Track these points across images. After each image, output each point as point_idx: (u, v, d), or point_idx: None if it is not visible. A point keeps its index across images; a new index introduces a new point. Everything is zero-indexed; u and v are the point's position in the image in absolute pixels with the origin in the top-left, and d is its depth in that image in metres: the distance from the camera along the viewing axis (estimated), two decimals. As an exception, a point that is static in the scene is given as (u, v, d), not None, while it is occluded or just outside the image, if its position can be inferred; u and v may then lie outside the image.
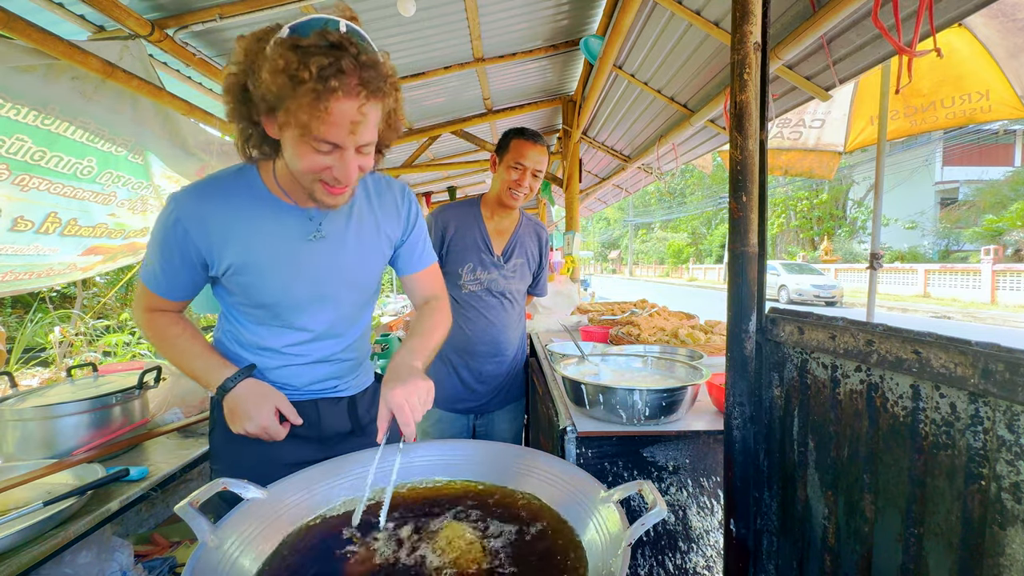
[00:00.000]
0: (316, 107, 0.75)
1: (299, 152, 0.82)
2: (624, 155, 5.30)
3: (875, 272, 2.90)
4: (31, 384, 3.23)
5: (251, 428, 0.92)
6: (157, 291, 0.98)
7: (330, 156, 0.82)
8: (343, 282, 1.03)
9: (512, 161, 1.72)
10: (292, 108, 0.76)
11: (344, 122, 0.78)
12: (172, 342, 0.99)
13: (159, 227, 0.94)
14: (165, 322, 1.00)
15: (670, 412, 1.14)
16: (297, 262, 0.97)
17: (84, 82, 1.84)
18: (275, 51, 0.74)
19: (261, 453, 0.98)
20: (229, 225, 0.93)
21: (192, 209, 0.92)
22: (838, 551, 0.77)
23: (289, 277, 0.97)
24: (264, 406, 0.93)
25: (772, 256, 23.60)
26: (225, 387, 0.94)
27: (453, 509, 0.77)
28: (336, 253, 1.01)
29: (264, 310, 1.00)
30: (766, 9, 0.89)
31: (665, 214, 42.08)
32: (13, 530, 0.86)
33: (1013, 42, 2.73)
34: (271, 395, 0.96)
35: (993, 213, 17.13)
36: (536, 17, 3.08)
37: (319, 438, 1.08)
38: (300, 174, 0.85)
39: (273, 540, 0.69)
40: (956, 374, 0.56)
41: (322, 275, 1.00)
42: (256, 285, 0.96)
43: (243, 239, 0.94)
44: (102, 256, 2.73)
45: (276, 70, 0.74)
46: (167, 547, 1.57)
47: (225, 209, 0.93)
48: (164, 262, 0.95)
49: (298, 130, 0.78)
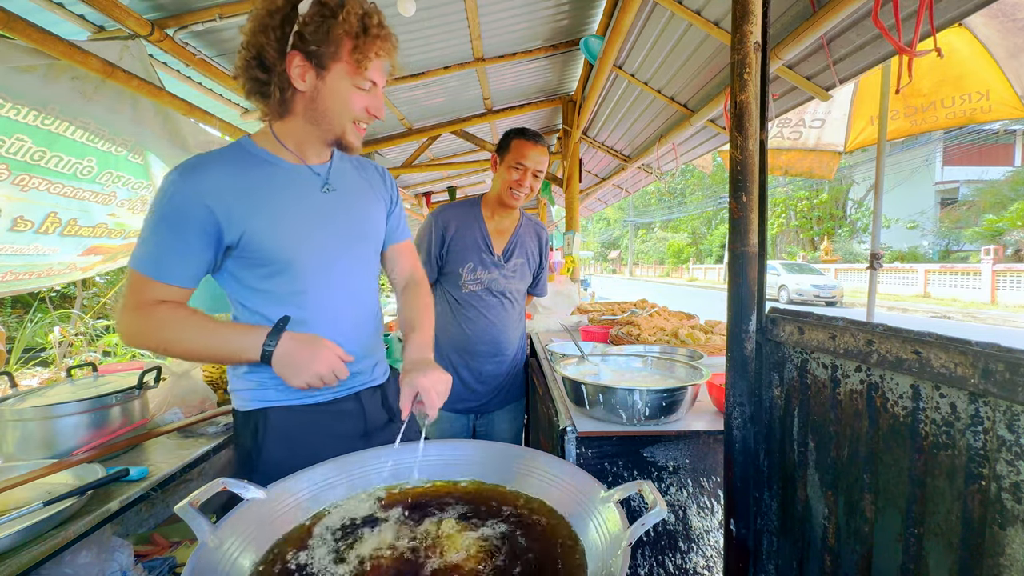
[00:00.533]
0: (373, 47, 0.92)
1: (344, 92, 0.94)
2: (624, 155, 5.29)
3: (875, 272, 2.90)
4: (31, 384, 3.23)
5: (321, 369, 0.90)
6: (158, 276, 0.89)
7: (369, 94, 0.96)
8: (356, 233, 1.07)
9: (513, 161, 1.73)
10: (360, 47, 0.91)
11: (383, 65, 0.96)
12: (186, 323, 0.90)
13: (162, 204, 0.88)
14: (170, 308, 0.91)
15: (670, 412, 1.14)
16: (317, 214, 1.00)
17: (84, 82, 1.84)
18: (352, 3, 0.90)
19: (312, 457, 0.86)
20: (242, 186, 0.93)
21: (201, 175, 0.90)
22: (838, 551, 0.76)
23: (308, 228, 0.99)
24: (320, 346, 0.91)
25: (772, 256, 23.60)
26: (270, 344, 0.89)
27: (452, 509, 0.77)
28: (347, 203, 1.06)
29: (282, 276, 0.96)
30: (766, 9, 0.89)
31: (665, 214, 42.08)
32: (13, 530, 0.86)
33: (1013, 42, 2.73)
34: (318, 338, 0.94)
35: (993, 213, 17.12)
36: (536, 17, 3.08)
37: (364, 432, 1.09)
38: (338, 114, 0.95)
39: (273, 540, 0.69)
40: (956, 374, 0.56)
41: (339, 225, 1.03)
42: (276, 242, 0.94)
43: (258, 197, 0.94)
44: (102, 256, 2.74)
45: (358, 14, 0.90)
46: (167, 547, 1.56)
47: (235, 172, 0.93)
48: (170, 238, 0.88)
49: (352, 69, 0.92)
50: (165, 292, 0.90)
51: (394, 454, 0.88)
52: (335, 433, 1.04)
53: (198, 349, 0.91)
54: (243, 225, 0.91)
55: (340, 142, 0.99)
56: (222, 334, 0.92)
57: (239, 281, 0.98)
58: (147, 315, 0.89)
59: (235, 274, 0.97)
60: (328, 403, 1.05)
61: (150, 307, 0.89)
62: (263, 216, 0.93)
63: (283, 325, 0.93)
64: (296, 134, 0.99)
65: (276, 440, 1.00)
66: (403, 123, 4.30)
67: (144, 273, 0.89)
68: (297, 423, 1.02)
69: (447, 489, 0.84)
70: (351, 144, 0.99)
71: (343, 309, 1.05)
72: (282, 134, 0.99)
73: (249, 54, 0.92)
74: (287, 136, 0.99)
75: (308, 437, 1.02)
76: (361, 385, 1.10)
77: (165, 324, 0.89)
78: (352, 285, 1.06)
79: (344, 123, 0.96)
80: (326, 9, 0.88)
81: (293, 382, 0.90)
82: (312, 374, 0.89)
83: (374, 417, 1.11)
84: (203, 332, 0.91)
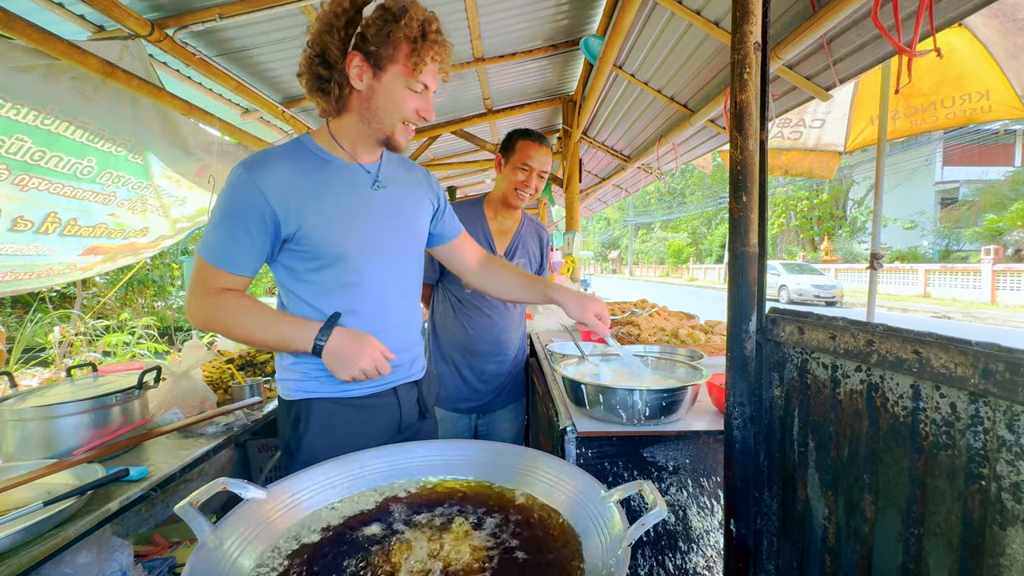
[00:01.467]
0: (430, 52, 0.97)
1: (397, 93, 0.99)
2: (624, 155, 5.29)
3: (875, 272, 2.90)
4: (31, 384, 3.23)
5: (366, 365, 0.96)
6: (223, 265, 0.96)
7: (420, 97, 1.01)
8: (403, 229, 1.12)
9: (518, 162, 1.74)
10: (417, 51, 0.95)
11: (435, 69, 1.01)
12: (247, 312, 0.97)
13: (228, 194, 0.95)
14: (234, 297, 0.98)
15: (670, 412, 1.14)
16: (367, 209, 1.05)
17: (84, 82, 1.84)
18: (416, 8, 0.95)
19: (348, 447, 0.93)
20: (299, 183, 0.98)
21: (263, 171, 0.96)
22: (838, 551, 0.76)
23: (359, 224, 1.03)
24: (365, 343, 0.98)
25: (772, 256, 23.59)
26: (322, 338, 0.96)
27: (452, 509, 0.77)
28: (396, 200, 1.11)
29: (332, 269, 1.02)
30: (766, 9, 0.89)
31: (665, 214, 42.07)
32: (13, 530, 0.86)
33: (1013, 42, 2.73)
34: (365, 334, 1.00)
35: (993, 213, 17.11)
36: (536, 17, 3.08)
37: (399, 427, 1.13)
38: (390, 113, 1.00)
39: (273, 540, 0.69)
40: (956, 374, 0.56)
41: (387, 221, 1.08)
42: (328, 236, 0.99)
43: (314, 193, 0.99)
44: (102, 256, 2.73)
45: (419, 19, 0.95)
46: (167, 547, 1.57)
47: (294, 169, 0.99)
48: (235, 229, 0.95)
49: (408, 71, 0.97)
50: (229, 280, 0.98)
51: (394, 454, 0.89)
52: (372, 425, 1.09)
53: (257, 337, 0.99)
54: (299, 219, 0.97)
55: (389, 141, 1.04)
56: (279, 325, 0.99)
57: (292, 272, 1.03)
58: (214, 303, 0.97)
59: (288, 265, 1.03)
60: (366, 397, 1.09)
61: (216, 295, 0.97)
62: (318, 211, 0.99)
63: (334, 321, 0.99)
64: (350, 132, 1.04)
65: (316, 430, 1.05)
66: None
67: (211, 262, 0.96)
68: (336, 414, 1.06)
69: (447, 489, 0.84)
70: (399, 144, 1.04)
71: (388, 303, 1.09)
72: (338, 132, 1.05)
73: (313, 52, 0.98)
74: (342, 134, 1.05)
75: (346, 428, 1.06)
76: (399, 380, 1.13)
77: (230, 312, 0.97)
78: (398, 280, 1.11)
79: (395, 122, 1.01)
80: (389, 14, 0.94)
81: (340, 375, 0.97)
82: (357, 368, 0.96)
83: (409, 412, 1.15)
84: (263, 322, 0.98)
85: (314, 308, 1.03)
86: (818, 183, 23.85)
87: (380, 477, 0.85)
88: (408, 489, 0.84)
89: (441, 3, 2.58)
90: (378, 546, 0.68)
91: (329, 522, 0.74)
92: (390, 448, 0.90)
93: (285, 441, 1.09)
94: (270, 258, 1.02)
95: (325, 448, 1.02)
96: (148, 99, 2.05)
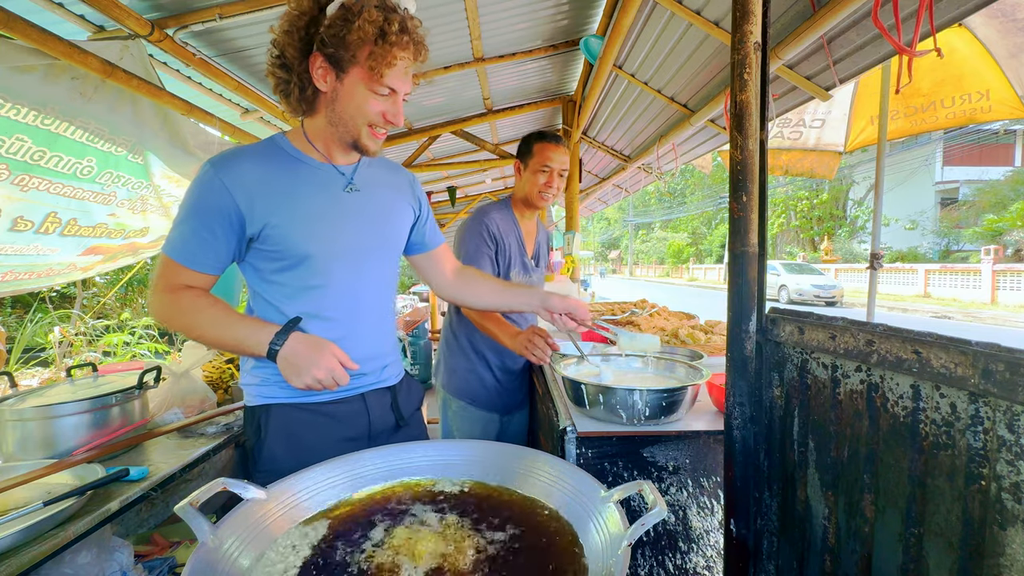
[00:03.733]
0: (389, 55, 0.90)
1: (359, 96, 0.94)
2: (624, 155, 5.29)
3: (875, 272, 2.90)
4: (31, 384, 3.23)
5: (320, 374, 0.90)
6: (185, 261, 0.94)
7: (387, 100, 0.96)
8: (376, 234, 1.08)
9: (539, 165, 1.78)
10: (374, 54, 0.90)
11: (403, 72, 0.95)
12: (206, 313, 0.94)
13: (194, 191, 0.94)
14: (193, 295, 0.96)
15: (670, 412, 1.14)
16: (336, 211, 1.02)
17: (84, 82, 1.84)
18: (368, 7, 0.89)
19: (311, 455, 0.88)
20: (267, 181, 0.96)
21: (230, 168, 0.94)
22: (838, 551, 0.76)
23: (328, 225, 1.00)
24: (323, 350, 0.92)
25: (772, 256, 23.58)
26: (276, 343, 0.92)
27: (452, 509, 0.77)
28: (369, 204, 1.07)
29: (297, 270, 0.98)
30: (766, 9, 0.89)
31: (665, 214, 42.07)
32: (13, 530, 0.86)
33: (1013, 42, 2.73)
34: (324, 341, 0.95)
35: (993, 213, 17.11)
36: (536, 17, 3.08)
37: (368, 435, 1.08)
38: (353, 117, 0.96)
39: (273, 540, 0.69)
40: (956, 374, 0.56)
41: (360, 225, 1.04)
42: (293, 236, 0.96)
43: (282, 192, 0.96)
44: (102, 256, 2.73)
45: (371, 20, 0.88)
46: (167, 547, 1.57)
47: (263, 167, 0.97)
48: (198, 226, 0.93)
49: (368, 75, 0.91)
50: (191, 277, 0.95)
51: (394, 453, 0.89)
52: (336, 433, 1.04)
53: (212, 337, 0.96)
54: (265, 218, 0.94)
55: (357, 145, 1.00)
56: (236, 327, 0.95)
57: (258, 272, 1.01)
58: (173, 299, 0.94)
59: (255, 265, 1.01)
60: (331, 403, 1.05)
61: (177, 291, 0.95)
62: (284, 210, 0.96)
63: (293, 325, 0.95)
64: (323, 134, 1.02)
65: (276, 437, 1.01)
66: (403, 123, 4.29)
67: (172, 258, 0.94)
68: (298, 420, 1.02)
69: (446, 489, 0.84)
70: (367, 148, 1.00)
71: (358, 309, 1.05)
72: (311, 133, 1.03)
73: (274, 52, 0.95)
74: (315, 135, 1.02)
75: (308, 435, 1.02)
76: (368, 386, 1.09)
77: (187, 310, 0.94)
78: (369, 285, 1.07)
79: (360, 127, 0.97)
80: (349, 13, 0.89)
81: (293, 382, 0.92)
82: (311, 377, 0.90)
83: (380, 419, 1.10)
84: (219, 322, 0.95)
85: (278, 311, 1.00)
86: (818, 183, 23.84)
87: (380, 477, 0.85)
88: (408, 489, 0.84)
89: (441, 3, 2.58)
90: (377, 546, 0.68)
91: (329, 522, 0.74)
92: (390, 448, 0.90)
93: (249, 448, 1.05)
94: (239, 257, 1.00)
95: (286, 455, 0.98)
96: (148, 99, 2.05)
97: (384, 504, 0.79)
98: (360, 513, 0.76)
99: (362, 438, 1.07)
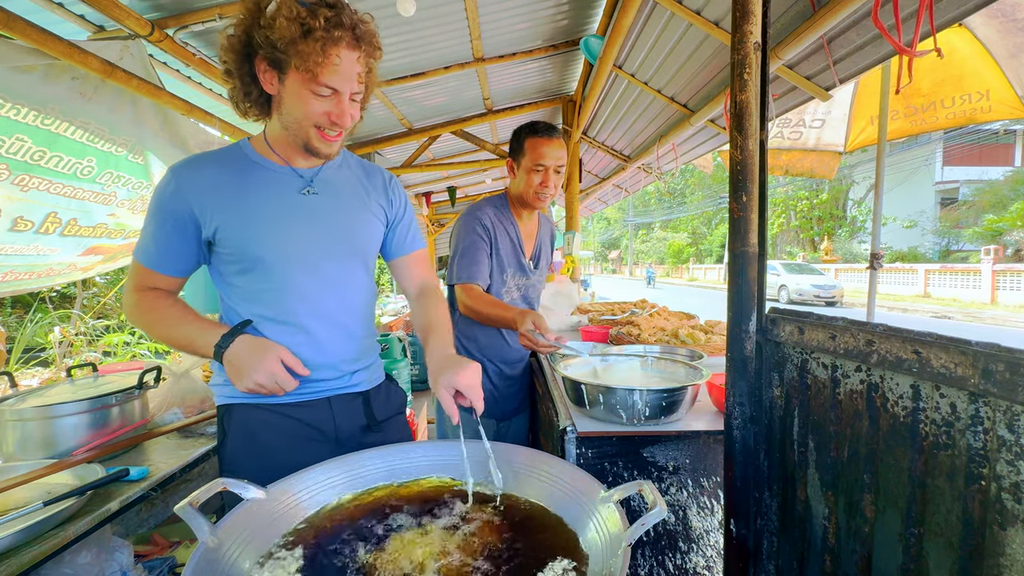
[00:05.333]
0: (322, 53, 0.85)
1: (301, 98, 0.90)
2: (624, 155, 5.29)
3: (875, 272, 2.90)
4: (31, 384, 3.23)
5: (260, 378, 0.88)
6: (149, 264, 0.96)
7: (329, 101, 0.91)
8: (336, 238, 1.04)
9: (531, 164, 1.61)
10: (301, 53, 0.85)
11: (342, 69, 0.89)
12: (162, 312, 0.96)
13: (154, 196, 0.96)
14: (154, 296, 0.97)
15: (670, 412, 1.14)
16: (291, 214, 1.00)
17: (84, 82, 1.84)
18: (286, 3, 0.84)
19: (279, 462, 0.90)
20: (220, 184, 0.96)
21: (186, 172, 0.95)
22: (838, 551, 0.76)
23: (283, 228, 0.98)
24: (268, 354, 0.89)
25: (772, 256, 23.59)
26: (222, 344, 0.90)
27: (452, 509, 0.77)
28: (328, 208, 1.04)
29: (252, 273, 0.97)
30: (766, 9, 0.89)
31: (665, 214, 42.07)
32: (13, 530, 0.86)
33: (1013, 42, 2.73)
34: (271, 345, 0.92)
35: (993, 213, 17.11)
36: (536, 17, 3.08)
37: (336, 439, 1.05)
38: (299, 120, 0.93)
39: (272, 540, 0.69)
40: (956, 374, 0.56)
41: (316, 228, 1.01)
42: (245, 239, 0.95)
43: (233, 195, 0.96)
44: (102, 256, 2.73)
45: (290, 18, 0.83)
46: (167, 547, 1.57)
47: (218, 170, 0.97)
48: (157, 230, 0.95)
49: (303, 75, 0.87)
50: (155, 280, 0.98)
51: (394, 454, 0.89)
52: (296, 435, 1.02)
53: (166, 336, 0.97)
54: (217, 220, 0.95)
55: (309, 147, 0.97)
56: (188, 327, 0.95)
57: (221, 275, 1.02)
58: (138, 300, 0.97)
59: (218, 268, 1.02)
60: (292, 405, 1.02)
61: (141, 292, 0.98)
62: (236, 213, 0.96)
63: (242, 328, 0.95)
64: (279, 138, 1.00)
65: (236, 437, 1.00)
66: (403, 123, 4.30)
67: (138, 260, 0.98)
68: (257, 420, 1.00)
69: (446, 489, 0.84)
70: (318, 150, 0.96)
71: (317, 313, 1.02)
72: (271, 137, 1.02)
73: (228, 65, 0.95)
74: (274, 139, 1.01)
75: (269, 436, 1.00)
76: (334, 391, 1.06)
77: (146, 310, 0.97)
78: (330, 289, 1.03)
79: (306, 129, 0.94)
80: (278, 13, 0.85)
81: (237, 385, 0.90)
82: (252, 381, 0.88)
83: (345, 424, 1.07)
84: (173, 321, 0.96)
85: (237, 314, 1.00)
86: (818, 183, 23.84)
87: (379, 477, 0.85)
88: (408, 489, 0.84)
89: (441, 3, 2.58)
90: (377, 546, 0.68)
91: (328, 522, 0.74)
92: (390, 448, 0.90)
93: (216, 448, 1.07)
94: (206, 260, 1.01)
95: (247, 456, 0.98)
96: (148, 99, 2.05)
97: (383, 504, 0.79)
98: (359, 514, 0.76)
99: (328, 441, 1.04)
